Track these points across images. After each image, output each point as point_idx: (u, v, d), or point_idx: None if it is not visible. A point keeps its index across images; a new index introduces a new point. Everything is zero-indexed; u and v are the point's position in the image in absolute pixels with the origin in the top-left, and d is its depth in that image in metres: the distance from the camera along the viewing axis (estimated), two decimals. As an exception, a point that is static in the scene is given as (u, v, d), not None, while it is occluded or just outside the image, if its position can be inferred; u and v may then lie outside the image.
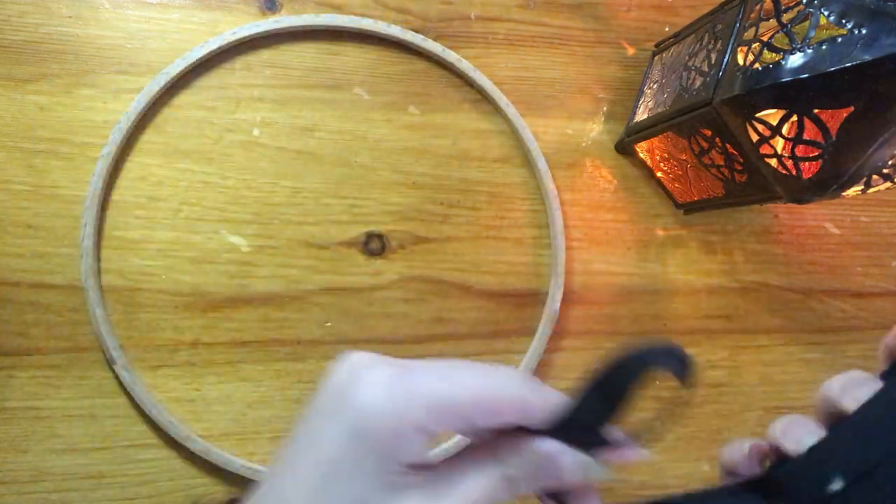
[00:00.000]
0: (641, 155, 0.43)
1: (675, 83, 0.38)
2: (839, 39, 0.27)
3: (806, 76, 0.27)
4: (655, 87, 0.41)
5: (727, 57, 0.33)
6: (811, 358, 0.47)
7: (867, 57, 0.26)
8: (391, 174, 0.41)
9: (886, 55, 0.25)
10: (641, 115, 0.42)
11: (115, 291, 0.38)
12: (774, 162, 0.32)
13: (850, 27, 0.26)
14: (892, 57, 0.25)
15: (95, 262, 0.38)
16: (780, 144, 0.32)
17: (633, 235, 0.44)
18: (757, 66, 0.30)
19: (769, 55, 0.29)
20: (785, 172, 0.32)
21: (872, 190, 0.32)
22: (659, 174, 0.44)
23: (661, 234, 0.45)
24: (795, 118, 0.29)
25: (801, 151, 0.30)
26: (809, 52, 0.27)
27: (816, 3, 0.28)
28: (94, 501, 0.38)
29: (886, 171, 0.31)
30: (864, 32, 0.26)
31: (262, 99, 0.40)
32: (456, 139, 0.42)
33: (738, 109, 0.31)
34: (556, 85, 0.44)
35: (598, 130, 0.44)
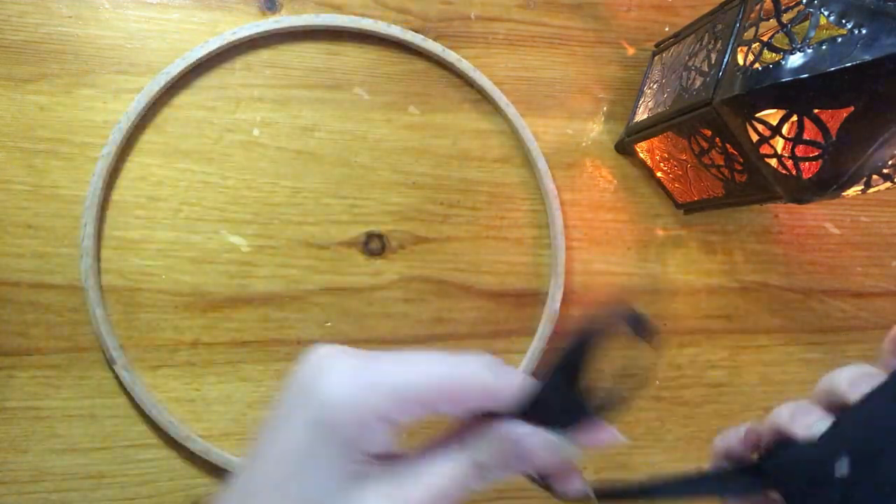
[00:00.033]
0: (641, 155, 0.43)
1: (675, 83, 0.38)
2: (839, 39, 0.27)
3: (806, 76, 0.27)
4: (655, 87, 0.41)
5: (727, 57, 0.33)
6: (811, 358, 0.47)
7: (867, 57, 0.26)
8: (391, 174, 0.41)
9: (886, 55, 0.25)
10: (641, 115, 0.42)
11: (115, 291, 0.38)
12: (774, 162, 0.32)
13: (850, 27, 0.26)
14: (892, 57, 0.25)
15: (95, 262, 0.38)
16: (780, 144, 0.32)
17: (633, 235, 0.44)
18: (757, 66, 0.30)
19: (769, 55, 0.29)
20: (785, 172, 0.32)
21: (872, 190, 0.32)
22: (659, 174, 0.44)
23: (661, 234, 0.45)
24: (795, 118, 0.29)
25: (801, 151, 0.30)
26: (809, 52, 0.27)
27: (816, 3, 0.28)
28: (94, 501, 0.38)
29: (886, 171, 0.31)
30: (864, 32, 0.26)
31: (262, 99, 0.40)
32: (456, 139, 0.42)
33: (738, 109, 0.31)
34: (556, 85, 0.44)
35: (598, 130, 0.44)
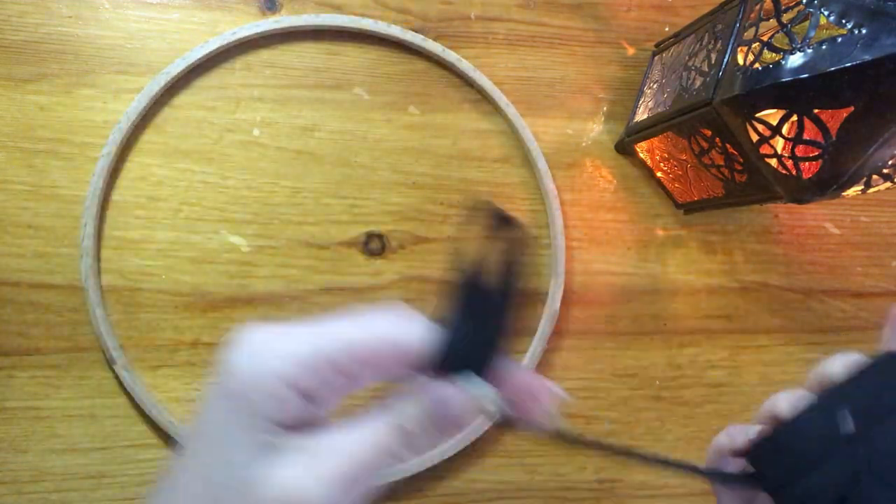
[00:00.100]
0: (641, 155, 0.43)
1: (675, 83, 0.38)
2: (839, 39, 0.27)
3: (806, 76, 0.27)
4: (655, 87, 0.41)
5: (727, 57, 0.33)
6: (811, 358, 0.47)
7: (867, 57, 0.26)
8: (391, 174, 0.41)
9: (886, 55, 0.25)
10: (641, 115, 0.42)
11: (115, 291, 0.38)
12: (774, 162, 0.32)
13: (850, 27, 0.26)
14: (892, 57, 0.25)
15: (95, 262, 0.38)
16: (780, 144, 0.31)
17: (633, 235, 0.44)
18: (757, 66, 0.30)
19: (769, 55, 0.29)
20: (785, 172, 0.32)
21: (872, 190, 0.32)
22: (659, 174, 0.44)
23: (661, 234, 0.45)
24: (795, 118, 0.29)
25: (801, 151, 0.30)
26: (809, 52, 0.27)
27: (816, 3, 0.28)
28: (94, 501, 0.38)
29: (886, 171, 0.31)
30: (864, 32, 0.26)
31: (262, 99, 0.40)
32: (456, 139, 0.42)
33: (738, 109, 0.31)
34: (556, 85, 0.44)
35: (598, 130, 0.44)
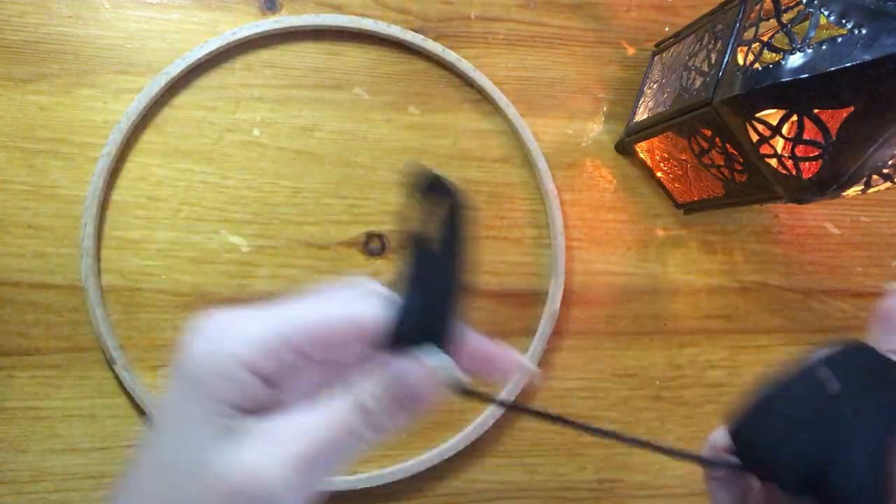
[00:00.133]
0: (641, 155, 0.43)
1: (675, 83, 0.38)
2: (839, 39, 0.27)
3: (806, 76, 0.27)
4: (655, 87, 0.41)
5: (727, 57, 0.33)
6: (811, 358, 0.47)
7: (867, 57, 0.26)
8: (391, 174, 0.41)
9: (886, 55, 0.25)
10: (641, 115, 0.42)
11: (115, 291, 0.38)
12: (774, 162, 0.32)
13: (850, 27, 0.26)
14: (892, 57, 0.25)
15: (95, 262, 0.38)
16: (780, 144, 0.31)
17: (633, 235, 0.44)
18: (757, 66, 0.30)
19: (769, 55, 0.29)
20: (785, 172, 0.32)
21: (872, 190, 0.32)
22: (659, 174, 0.44)
23: (661, 234, 0.45)
24: (795, 118, 0.29)
25: (801, 151, 0.30)
26: (809, 52, 0.27)
27: (816, 3, 0.28)
28: (94, 501, 0.38)
29: (886, 171, 0.31)
30: (864, 32, 0.26)
31: (262, 99, 0.40)
32: (456, 139, 0.42)
33: (738, 109, 0.31)
34: (556, 85, 0.44)
35: (598, 130, 0.44)
